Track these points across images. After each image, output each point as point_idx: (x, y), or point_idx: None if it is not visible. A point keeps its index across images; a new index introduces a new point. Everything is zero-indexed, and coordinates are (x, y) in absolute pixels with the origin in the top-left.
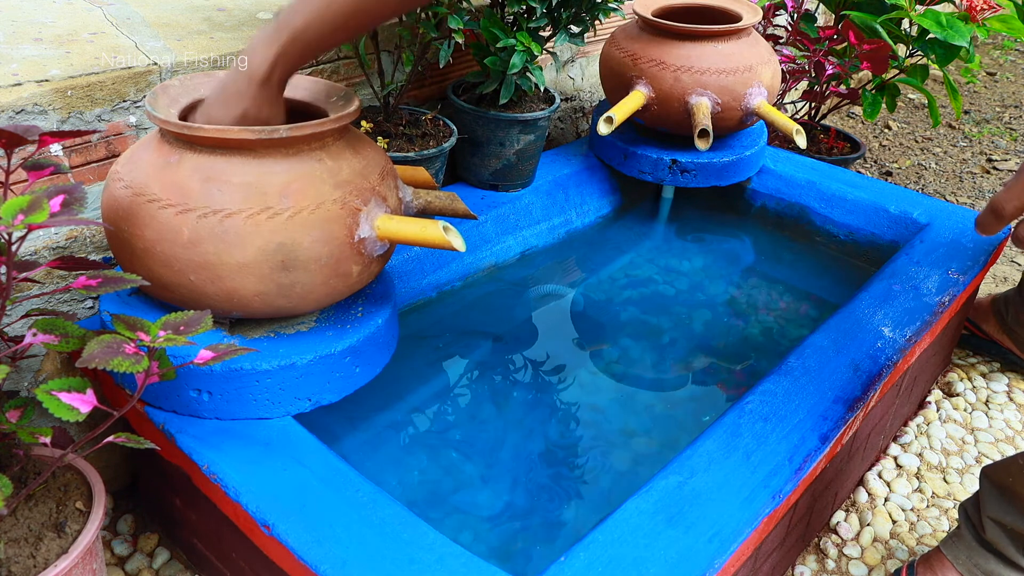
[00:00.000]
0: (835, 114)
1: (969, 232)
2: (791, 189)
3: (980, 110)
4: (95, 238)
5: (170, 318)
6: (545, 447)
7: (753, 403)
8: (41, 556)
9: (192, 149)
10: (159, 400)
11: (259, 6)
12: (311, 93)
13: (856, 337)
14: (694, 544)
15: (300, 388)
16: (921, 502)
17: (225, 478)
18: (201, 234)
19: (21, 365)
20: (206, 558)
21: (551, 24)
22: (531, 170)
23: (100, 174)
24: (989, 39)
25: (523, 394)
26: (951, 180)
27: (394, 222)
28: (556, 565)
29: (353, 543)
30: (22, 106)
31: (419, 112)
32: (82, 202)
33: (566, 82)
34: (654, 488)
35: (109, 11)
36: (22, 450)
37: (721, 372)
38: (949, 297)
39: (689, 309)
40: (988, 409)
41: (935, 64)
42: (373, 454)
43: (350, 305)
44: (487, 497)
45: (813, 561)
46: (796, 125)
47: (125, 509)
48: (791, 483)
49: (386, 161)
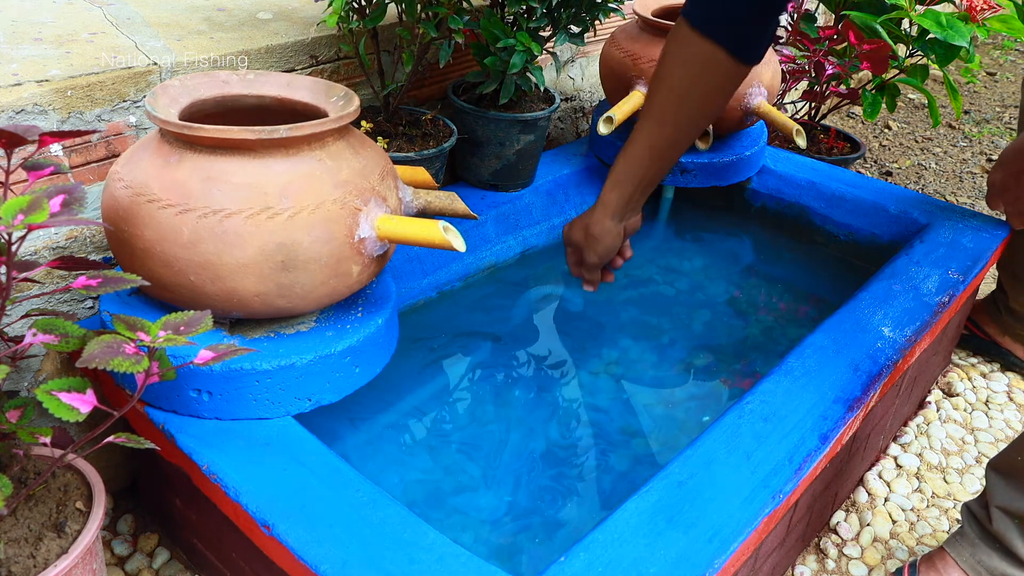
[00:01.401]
0: (835, 114)
1: (969, 232)
2: (791, 189)
3: (980, 110)
4: (95, 238)
5: (170, 318)
6: (545, 447)
7: (753, 403)
8: (41, 556)
9: (192, 149)
10: (159, 400)
11: (259, 6)
12: (311, 93)
13: (856, 337)
14: (694, 544)
15: (300, 388)
16: (921, 502)
17: (225, 478)
18: (201, 234)
19: (21, 365)
20: (206, 558)
21: (551, 24)
22: (531, 170)
23: (100, 174)
24: (989, 39)
25: (523, 394)
26: (951, 180)
27: (394, 222)
28: (556, 565)
29: (353, 543)
30: (22, 106)
31: (419, 112)
32: (82, 202)
33: (566, 82)
34: (654, 488)
35: (109, 11)
36: (22, 450)
37: (721, 372)
38: (949, 297)
39: (689, 309)
40: (988, 409)
41: (935, 64)
42: (374, 454)
43: (350, 305)
44: (487, 497)
45: (813, 561)
46: (796, 125)
47: (125, 509)
48: (791, 483)
49: (386, 161)
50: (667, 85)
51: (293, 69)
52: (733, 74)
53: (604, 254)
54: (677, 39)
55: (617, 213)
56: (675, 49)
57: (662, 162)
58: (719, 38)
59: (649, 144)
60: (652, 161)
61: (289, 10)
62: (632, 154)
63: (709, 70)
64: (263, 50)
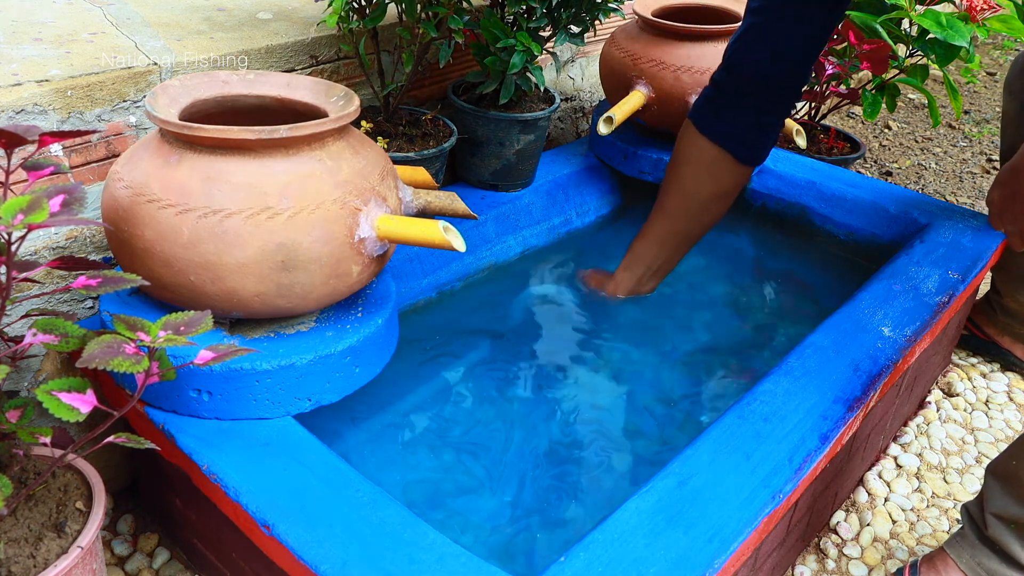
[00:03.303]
0: (835, 114)
1: (969, 232)
2: (791, 189)
3: (980, 110)
4: (95, 238)
5: (170, 318)
6: (545, 447)
7: (753, 403)
8: (41, 556)
9: (192, 149)
10: (159, 400)
11: (259, 6)
12: (311, 93)
13: (856, 337)
14: (694, 544)
15: (300, 388)
16: (921, 502)
17: (225, 478)
18: (201, 234)
19: (21, 365)
20: (206, 558)
21: (551, 24)
22: (531, 170)
23: (100, 174)
24: (989, 39)
25: (523, 394)
26: (951, 180)
27: (394, 222)
28: (556, 565)
29: (353, 543)
30: (22, 106)
31: (419, 112)
32: (82, 202)
33: (566, 82)
34: (654, 488)
35: (109, 11)
36: (22, 450)
37: (721, 372)
38: (949, 297)
39: (689, 309)
40: (988, 409)
41: (935, 64)
42: (373, 454)
43: (350, 305)
44: (487, 497)
45: (813, 561)
46: (796, 125)
47: (125, 509)
48: (791, 483)
49: (386, 161)
50: (677, 181)
51: (293, 69)
52: (739, 175)
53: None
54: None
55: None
56: (684, 149)
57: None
58: (725, 143)
59: (660, 234)
60: (662, 249)
61: (289, 10)
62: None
63: (716, 171)
64: (263, 50)
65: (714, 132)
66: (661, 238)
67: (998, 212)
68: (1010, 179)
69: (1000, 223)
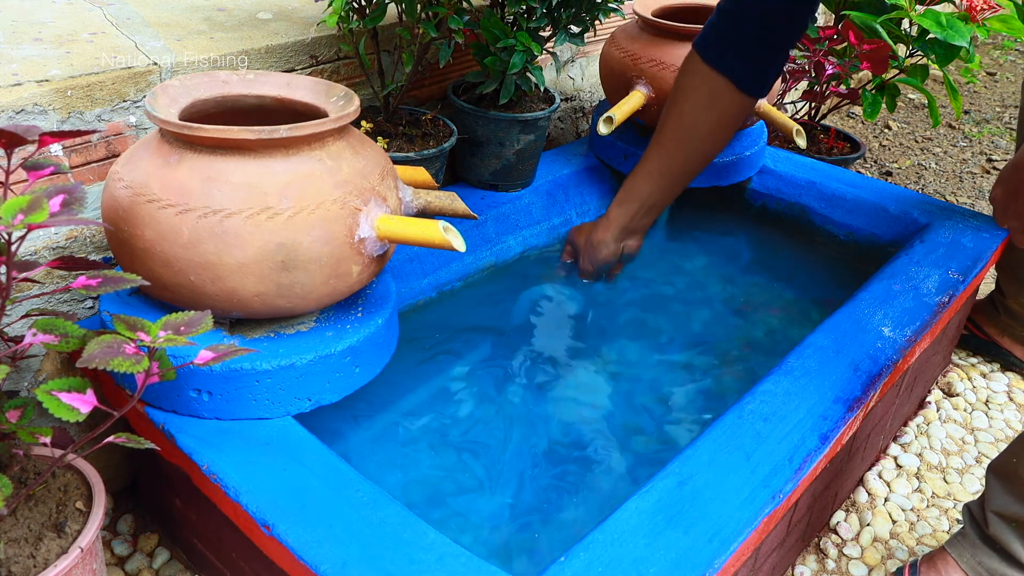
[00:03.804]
0: (835, 114)
1: (969, 232)
2: (791, 189)
3: (980, 110)
4: (95, 238)
5: (170, 318)
6: (545, 446)
7: (753, 403)
8: (41, 556)
9: (192, 149)
10: (159, 400)
11: (259, 6)
12: (311, 93)
13: (856, 337)
14: (694, 544)
15: (300, 388)
16: (921, 502)
17: (225, 478)
18: (201, 234)
19: (21, 365)
20: (206, 558)
21: (551, 24)
22: (531, 170)
23: (100, 174)
24: (989, 39)
25: (523, 394)
26: (951, 180)
27: (394, 222)
28: (556, 565)
29: (353, 543)
30: (22, 106)
31: (419, 112)
32: (82, 202)
33: (566, 82)
34: (654, 488)
35: (109, 11)
36: (22, 450)
37: (721, 372)
38: (949, 297)
39: (689, 308)
40: (988, 409)
41: (935, 64)
42: (374, 454)
43: (350, 305)
44: (487, 496)
45: (813, 561)
46: (796, 125)
47: (125, 509)
48: (791, 483)
49: (386, 161)
50: (676, 113)
51: (293, 69)
52: (740, 106)
53: (596, 263)
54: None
55: (619, 230)
56: (686, 80)
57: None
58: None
59: (657, 169)
60: (658, 185)
61: (289, 10)
62: (639, 176)
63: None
64: (263, 50)
65: (718, 60)
66: (658, 172)
67: (1001, 209)
68: (1012, 176)
69: (1004, 220)
